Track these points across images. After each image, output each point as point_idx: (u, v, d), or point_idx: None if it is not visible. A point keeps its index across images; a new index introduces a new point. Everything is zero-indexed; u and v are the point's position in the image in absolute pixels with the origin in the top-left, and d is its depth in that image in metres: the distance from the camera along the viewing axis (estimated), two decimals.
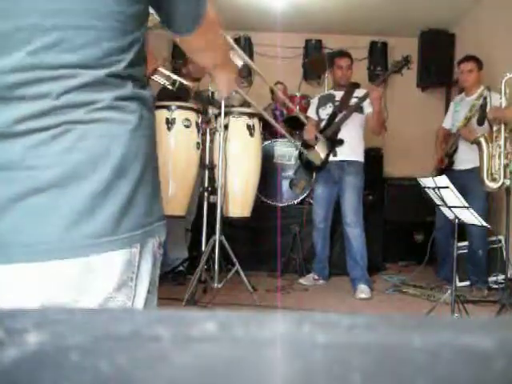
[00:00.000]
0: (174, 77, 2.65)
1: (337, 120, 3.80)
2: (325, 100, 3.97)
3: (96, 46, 0.71)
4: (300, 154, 4.07)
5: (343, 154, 3.78)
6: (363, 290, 3.61)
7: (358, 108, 3.78)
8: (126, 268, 0.75)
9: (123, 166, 0.74)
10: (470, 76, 3.87)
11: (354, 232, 3.71)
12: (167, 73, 2.67)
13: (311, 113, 4.05)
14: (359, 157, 3.82)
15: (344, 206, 3.76)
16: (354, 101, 3.78)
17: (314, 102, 4.08)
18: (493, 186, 3.37)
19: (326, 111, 3.90)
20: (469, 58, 3.95)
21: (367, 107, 3.78)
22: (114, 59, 0.74)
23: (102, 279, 0.73)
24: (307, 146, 3.93)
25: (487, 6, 4.78)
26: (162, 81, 2.44)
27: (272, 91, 5.00)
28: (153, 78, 3.01)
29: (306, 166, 4.07)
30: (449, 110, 4.22)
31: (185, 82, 2.92)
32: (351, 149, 3.77)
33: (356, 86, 3.97)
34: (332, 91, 3.99)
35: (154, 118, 0.84)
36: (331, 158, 3.81)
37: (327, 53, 4.92)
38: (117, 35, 0.73)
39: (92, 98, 0.72)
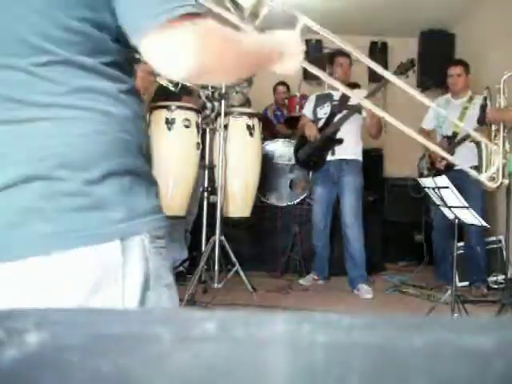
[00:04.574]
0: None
1: (336, 119, 3.80)
2: (323, 99, 3.96)
3: None
4: (296, 153, 4.07)
5: (342, 153, 3.78)
6: (367, 290, 3.62)
7: (358, 109, 3.77)
8: (103, 268, 0.73)
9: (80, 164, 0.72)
10: (459, 80, 3.91)
11: (354, 233, 3.72)
12: None
13: (307, 111, 4.03)
14: (358, 156, 3.83)
15: (343, 207, 3.77)
16: (352, 100, 3.77)
17: (311, 100, 4.06)
18: (491, 185, 3.37)
19: (324, 110, 3.90)
20: (457, 62, 4.01)
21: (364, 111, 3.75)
22: None
23: (73, 280, 0.71)
24: (304, 142, 3.94)
25: (487, 6, 4.78)
26: (165, 82, 2.42)
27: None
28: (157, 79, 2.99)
29: (303, 164, 4.07)
30: (429, 111, 4.18)
31: (188, 83, 2.91)
32: (350, 148, 3.77)
33: (356, 86, 3.96)
34: (330, 91, 3.98)
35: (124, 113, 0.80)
36: (329, 158, 3.81)
37: (326, 52, 4.92)
38: None
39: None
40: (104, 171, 0.74)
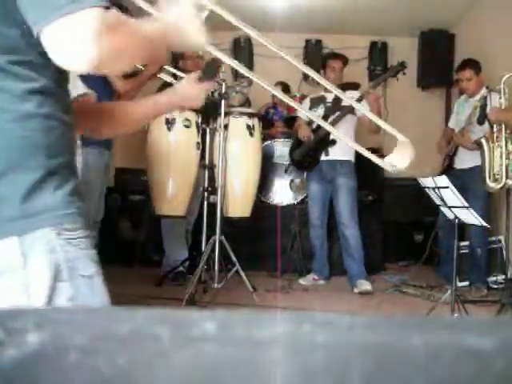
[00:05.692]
0: (181, 74, 2.61)
1: (329, 121, 3.81)
2: (316, 102, 4.00)
3: None
4: (291, 153, 4.10)
5: (335, 154, 3.84)
6: (366, 283, 3.67)
7: (352, 110, 3.79)
8: (1, 263, 0.75)
9: None
10: (470, 84, 3.82)
11: (351, 231, 3.78)
12: (173, 70, 2.64)
13: (302, 114, 4.07)
14: (351, 157, 3.87)
15: (339, 208, 3.83)
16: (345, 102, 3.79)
17: (306, 103, 4.11)
18: (495, 186, 3.38)
19: (318, 113, 3.91)
20: (465, 66, 3.87)
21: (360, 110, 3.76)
22: None
23: None
24: (299, 143, 3.96)
25: (487, 6, 4.78)
26: (169, 78, 2.40)
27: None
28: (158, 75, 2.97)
29: (298, 165, 4.10)
30: (453, 110, 4.24)
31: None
32: (343, 149, 3.80)
33: (355, 86, 3.97)
34: (323, 93, 4.01)
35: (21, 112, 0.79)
36: (323, 158, 3.87)
37: (326, 53, 4.93)
38: None
39: None
40: (1, 168, 0.75)
